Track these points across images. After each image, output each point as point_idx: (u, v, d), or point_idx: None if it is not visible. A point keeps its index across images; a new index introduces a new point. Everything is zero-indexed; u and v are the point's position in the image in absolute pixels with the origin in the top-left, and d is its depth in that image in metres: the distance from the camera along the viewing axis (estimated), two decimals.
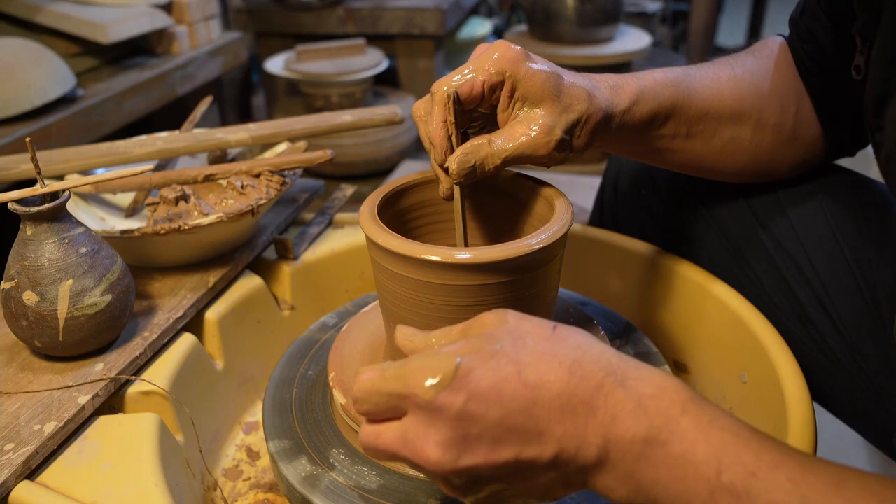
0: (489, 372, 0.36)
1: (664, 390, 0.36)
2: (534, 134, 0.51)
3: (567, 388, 0.36)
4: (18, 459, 0.51)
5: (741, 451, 0.34)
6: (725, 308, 0.69)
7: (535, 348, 0.37)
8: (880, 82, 0.51)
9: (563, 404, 0.36)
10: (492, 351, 0.37)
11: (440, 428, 0.36)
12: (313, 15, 1.82)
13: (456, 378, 0.36)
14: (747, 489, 0.33)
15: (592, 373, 0.36)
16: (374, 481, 0.52)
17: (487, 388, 0.36)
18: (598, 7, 1.88)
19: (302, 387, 0.62)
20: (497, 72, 0.51)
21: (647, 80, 0.59)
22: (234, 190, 0.73)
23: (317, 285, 0.82)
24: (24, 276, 0.57)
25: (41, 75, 1.05)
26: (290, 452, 0.56)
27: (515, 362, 0.36)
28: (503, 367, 0.36)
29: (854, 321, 0.62)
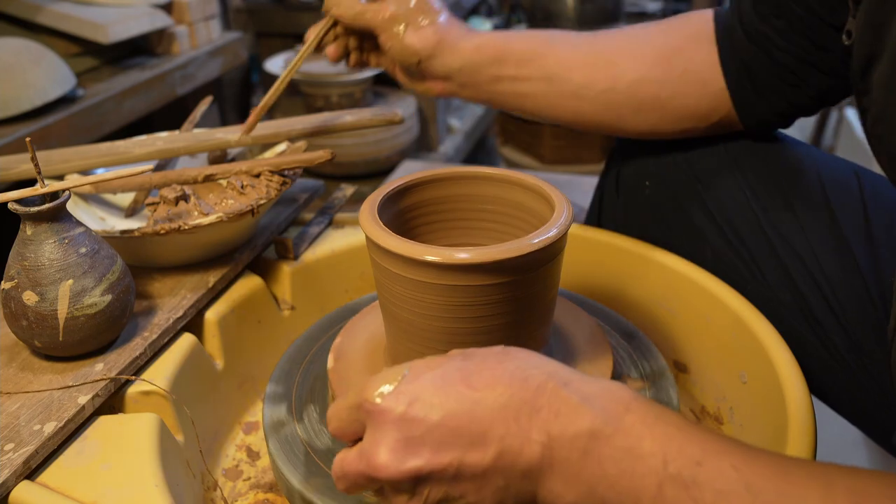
0: (436, 377, 0.38)
1: (608, 391, 0.37)
2: None
3: (509, 389, 0.37)
4: (18, 459, 0.51)
5: (686, 443, 0.34)
6: (725, 308, 0.69)
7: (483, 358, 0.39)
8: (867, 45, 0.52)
9: (505, 404, 0.36)
10: (440, 361, 0.39)
11: (386, 432, 0.37)
12: (313, 15, 1.82)
13: (401, 383, 0.37)
14: (694, 478, 0.33)
15: (535, 376, 0.37)
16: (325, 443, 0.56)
17: (431, 392, 0.37)
18: (598, 7, 1.88)
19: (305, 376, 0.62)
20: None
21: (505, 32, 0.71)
22: (234, 190, 0.73)
23: (317, 285, 0.82)
24: (24, 276, 0.57)
25: (41, 75, 1.05)
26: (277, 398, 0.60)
27: (462, 370, 0.38)
28: (449, 373, 0.38)
29: (859, 318, 0.62)
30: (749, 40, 0.65)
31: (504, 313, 0.50)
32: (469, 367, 0.38)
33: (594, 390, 0.37)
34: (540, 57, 0.69)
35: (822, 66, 0.63)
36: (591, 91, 0.68)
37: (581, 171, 1.79)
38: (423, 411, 0.37)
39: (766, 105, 0.67)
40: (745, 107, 0.67)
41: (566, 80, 0.69)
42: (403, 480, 0.37)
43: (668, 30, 0.70)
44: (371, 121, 0.86)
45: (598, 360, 0.58)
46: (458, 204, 0.61)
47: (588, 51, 0.69)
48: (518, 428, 0.36)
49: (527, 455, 0.36)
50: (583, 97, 0.69)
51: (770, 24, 0.63)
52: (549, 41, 0.70)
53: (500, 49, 0.69)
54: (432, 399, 0.37)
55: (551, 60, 0.69)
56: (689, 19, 0.70)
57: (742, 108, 0.67)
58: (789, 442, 0.53)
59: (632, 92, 0.68)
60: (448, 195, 0.60)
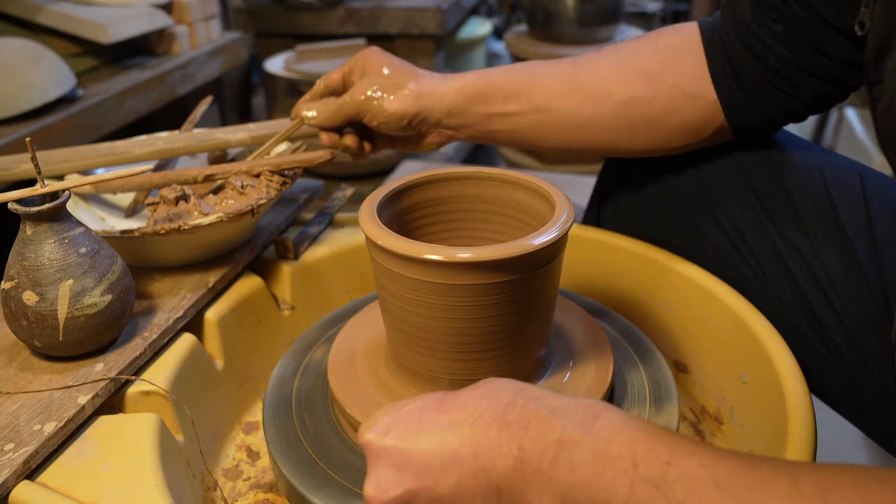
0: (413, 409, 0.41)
1: (577, 402, 0.38)
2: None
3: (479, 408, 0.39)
4: (18, 459, 0.51)
5: (654, 445, 0.35)
6: (725, 308, 0.69)
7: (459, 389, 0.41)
8: (882, 34, 0.51)
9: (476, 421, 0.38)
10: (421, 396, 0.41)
11: (372, 466, 0.41)
12: (313, 15, 1.82)
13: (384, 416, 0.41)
14: (664, 477, 0.34)
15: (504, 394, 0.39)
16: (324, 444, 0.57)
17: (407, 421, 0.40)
18: (598, 7, 1.88)
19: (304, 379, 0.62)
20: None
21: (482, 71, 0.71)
22: (234, 190, 0.73)
23: (317, 285, 0.82)
24: (24, 276, 0.57)
25: (41, 75, 1.05)
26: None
27: (436, 398, 0.41)
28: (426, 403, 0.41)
29: (860, 318, 0.62)
30: (743, 46, 0.64)
31: (504, 313, 0.50)
32: (444, 396, 0.41)
33: (563, 404, 0.38)
34: (524, 91, 0.69)
35: (818, 71, 0.62)
36: (580, 117, 0.68)
37: (581, 171, 1.79)
38: (400, 440, 0.40)
39: (757, 113, 0.66)
40: (736, 116, 0.67)
41: (554, 111, 0.69)
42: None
43: (653, 46, 0.69)
44: None
45: (598, 360, 0.58)
46: (458, 204, 0.61)
47: (571, 78, 0.69)
48: (489, 443, 0.37)
49: (500, 468, 0.37)
50: (573, 125, 0.69)
51: (767, 29, 0.63)
52: (531, 74, 0.70)
53: (483, 88, 0.69)
54: (408, 427, 0.40)
55: (536, 92, 0.69)
56: (675, 32, 0.69)
57: (733, 117, 0.67)
58: (789, 442, 0.53)
59: (620, 114, 0.68)
60: (448, 195, 0.60)
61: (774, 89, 0.64)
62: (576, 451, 0.36)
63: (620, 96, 0.67)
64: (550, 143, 0.72)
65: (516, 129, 0.70)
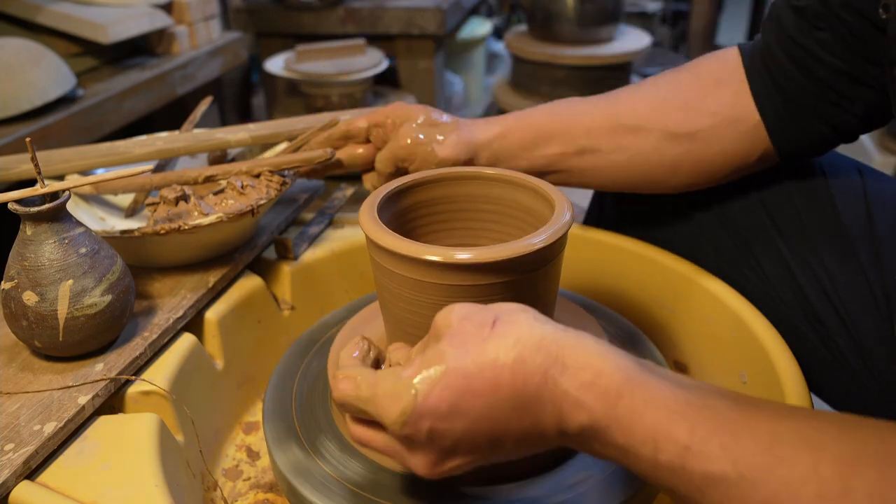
0: (444, 392, 0.39)
1: (600, 376, 0.38)
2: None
3: (514, 390, 0.38)
4: (18, 459, 0.51)
5: (674, 428, 0.35)
6: (725, 308, 0.69)
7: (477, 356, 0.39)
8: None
9: (516, 405, 0.39)
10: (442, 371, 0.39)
11: (418, 450, 0.41)
12: (313, 15, 1.82)
13: (416, 407, 0.39)
14: (682, 465, 0.35)
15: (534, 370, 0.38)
16: (326, 444, 0.56)
17: (447, 409, 0.39)
18: (598, 7, 1.88)
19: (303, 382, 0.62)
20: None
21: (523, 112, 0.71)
22: (234, 190, 0.73)
23: (317, 285, 0.82)
24: (24, 277, 0.57)
25: (41, 75, 1.05)
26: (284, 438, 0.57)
27: (464, 376, 0.39)
28: (454, 383, 0.39)
29: (862, 318, 0.62)
30: (788, 59, 0.62)
31: None
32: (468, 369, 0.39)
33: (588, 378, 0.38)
34: (566, 132, 0.68)
35: (866, 78, 0.60)
36: (623, 156, 0.67)
37: None
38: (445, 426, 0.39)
39: (804, 132, 0.64)
40: (782, 137, 0.64)
41: (597, 151, 0.68)
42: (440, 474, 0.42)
43: (693, 77, 0.67)
44: None
45: None
46: (458, 204, 0.61)
47: (613, 116, 0.68)
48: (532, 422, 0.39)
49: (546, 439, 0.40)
50: (617, 164, 0.68)
51: (812, 38, 0.60)
52: (572, 114, 0.69)
53: (525, 131, 0.69)
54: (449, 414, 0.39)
55: (579, 133, 0.68)
56: (716, 59, 0.68)
57: (779, 139, 0.64)
58: None
59: (663, 151, 0.66)
60: (448, 195, 0.60)
61: (823, 102, 0.62)
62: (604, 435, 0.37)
63: (662, 132, 0.66)
64: (597, 183, 0.71)
65: (562, 170, 0.69)
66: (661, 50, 2.48)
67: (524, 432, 0.39)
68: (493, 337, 0.40)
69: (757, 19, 2.93)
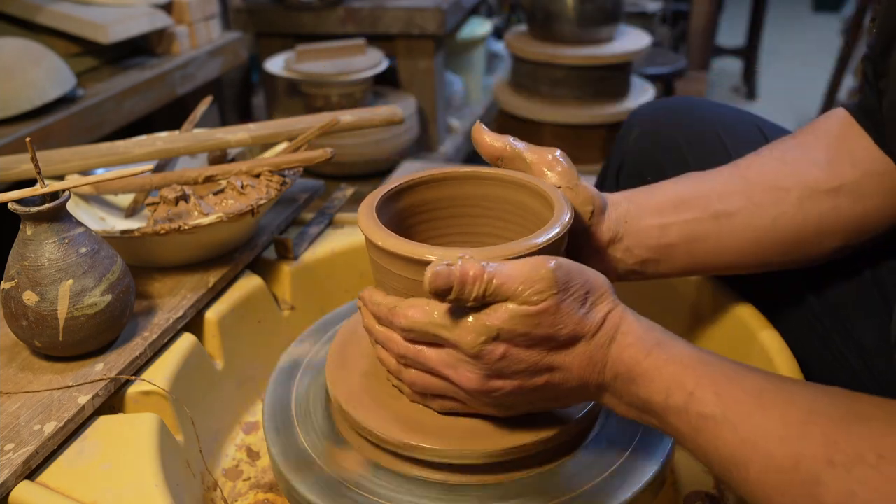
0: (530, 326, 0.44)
1: (639, 340, 0.46)
2: None
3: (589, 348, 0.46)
4: (18, 459, 0.51)
5: (684, 379, 0.44)
6: (726, 309, 0.69)
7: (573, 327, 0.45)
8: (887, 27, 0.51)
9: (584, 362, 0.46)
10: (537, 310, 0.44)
11: (481, 366, 0.45)
12: (313, 15, 1.82)
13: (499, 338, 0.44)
14: (686, 407, 0.43)
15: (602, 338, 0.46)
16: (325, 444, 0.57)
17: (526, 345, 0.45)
18: (598, 7, 1.87)
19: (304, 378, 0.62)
20: None
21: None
22: (234, 190, 0.73)
23: (317, 285, 0.82)
24: (24, 276, 0.57)
25: (41, 75, 1.05)
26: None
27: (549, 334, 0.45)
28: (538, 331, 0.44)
29: (862, 317, 0.62)
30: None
31: None
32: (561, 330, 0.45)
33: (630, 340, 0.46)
34: (695, 196, 0.60)
35: None
36: (765, 220, 0.59)
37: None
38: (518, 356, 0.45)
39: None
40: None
41: (734, 214, 0.60)
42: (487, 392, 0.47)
43: (812, 137, 0.62)
44: (371, 120, 0.86)
45: None
46: (457, 204, 0.61)
47: (741, 178, 0.61)
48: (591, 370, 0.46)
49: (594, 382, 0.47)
50: (758, 227, 0.60)
51: None
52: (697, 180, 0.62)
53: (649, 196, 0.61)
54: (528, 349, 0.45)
55: (710, 197, 0.60)
56: (826, 119, 0.63)
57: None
58: None
59: (808, 209, 0.59)
60: (448, 195, 0.60)
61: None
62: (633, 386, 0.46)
63: (803, 190, 0.59)
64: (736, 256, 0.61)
65: (695, 238, 0.60)
66: (661, 50, 2.48)
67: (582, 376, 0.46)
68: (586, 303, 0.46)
69: (757, 19, 2.93)
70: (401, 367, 0.51)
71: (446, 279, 0.43)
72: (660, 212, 0.60)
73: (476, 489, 0.51)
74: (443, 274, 0.43)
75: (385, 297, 0.50)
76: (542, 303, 0.43)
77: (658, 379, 0.44)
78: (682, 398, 0.43)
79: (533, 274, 0.44)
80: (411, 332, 0.48)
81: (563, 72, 1.87)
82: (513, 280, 0.43)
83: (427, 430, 0.52)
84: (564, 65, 1.86)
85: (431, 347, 0.48)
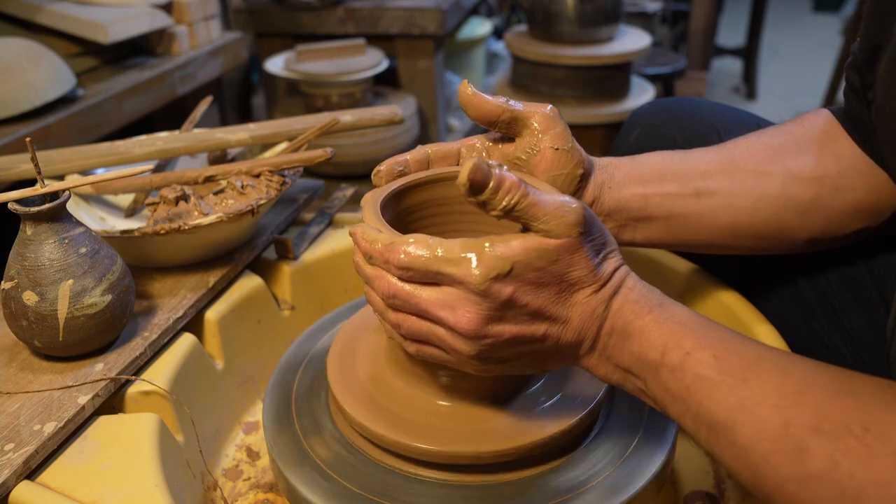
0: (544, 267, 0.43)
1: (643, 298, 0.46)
2: None
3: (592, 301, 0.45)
4: (18, 459, 0.51)
5: (683, 339, 0.44)
6: (724, 306, 0.69)
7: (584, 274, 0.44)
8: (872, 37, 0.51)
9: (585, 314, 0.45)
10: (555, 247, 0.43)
11: (484, 307, 0.43)
12: (313, 15, 1.82)
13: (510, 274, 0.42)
14: (681, 365, 0.43)
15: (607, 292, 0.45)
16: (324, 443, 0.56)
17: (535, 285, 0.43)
18: (598, 7, 1.87)
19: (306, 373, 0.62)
20: None
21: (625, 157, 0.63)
22: (234, 190, 0.73)
23: (317, 285, 0.82)
24: (24, 276, 0.57)
25: (41, 75, 1.05)
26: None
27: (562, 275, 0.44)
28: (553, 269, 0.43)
29: (857, 313, 0.62)
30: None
31: None
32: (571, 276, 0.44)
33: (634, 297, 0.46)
34: (679, 171, 0.61)
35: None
36: (746, 201, 0.60)
37: None
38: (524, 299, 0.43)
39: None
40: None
41: (716, 193, 0.60)
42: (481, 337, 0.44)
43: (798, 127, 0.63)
44: (371, 120, 0.86)
45: None
46: (459, 204, 0.61)
47: (727, 158, 0.61)
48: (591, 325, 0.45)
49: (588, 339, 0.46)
50: (738, 209, 0.60)
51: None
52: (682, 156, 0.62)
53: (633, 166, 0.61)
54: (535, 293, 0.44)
55: (693, 173, 0.61)
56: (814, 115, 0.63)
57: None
58: None
59: (790, 195, 0.60)
60: (449, 196, 0.60)
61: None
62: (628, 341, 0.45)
63: (787, 176, 0.60)
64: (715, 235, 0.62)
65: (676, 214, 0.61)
66: (661, 50, 2.48)
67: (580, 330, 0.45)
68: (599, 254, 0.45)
69: (757, 19, 2.93)
70: (387, 308, 0.47)
71: (486, 174, 0.41)
72: (643, 181, 0.61)
73: (476, 489, 0.51)
74: (483, 168, 0.41)
75: (381, 234, 0.47)
76: (565, 237, 0.43)
77: (656, 335, 0.44)
78: (679, 356, 0.43)
79: (564, 206, 0.42)
80: (409, 271, 0.44)
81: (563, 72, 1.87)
82: (545, 204, 0.42)
83: (427, 430, 0.52)
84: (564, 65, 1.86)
85: (428, 287, 0.45)
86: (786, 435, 0.39)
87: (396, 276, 0.45)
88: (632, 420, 0.56)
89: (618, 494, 0.50)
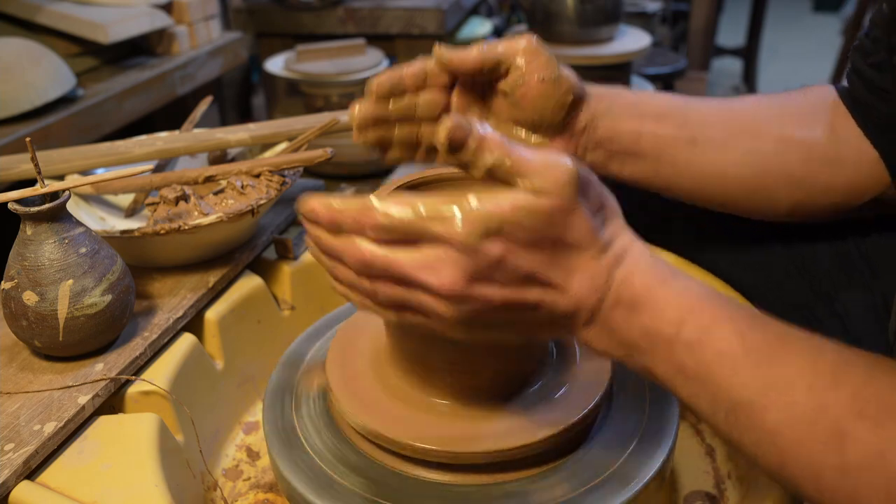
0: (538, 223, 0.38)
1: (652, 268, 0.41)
2: None
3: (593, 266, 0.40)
4: (18, 459, 0.51)
5: (702, 313, 0.40)
6: None
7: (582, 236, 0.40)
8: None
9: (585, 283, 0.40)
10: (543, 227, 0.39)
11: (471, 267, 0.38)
12: (313, 15, 1.82)
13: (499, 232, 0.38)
14: (699, 340, 0.39)
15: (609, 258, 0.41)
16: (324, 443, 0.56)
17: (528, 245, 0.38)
18: (598, 7, 1.87)
19: None
20: None
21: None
22: (234, 190, 0.73)
23: (317, 285, 0.82)
24: (24, 276, 0.57)
25: (41, 75, 1.05)
26: None
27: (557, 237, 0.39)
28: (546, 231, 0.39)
29: (858, 314, 0.62)
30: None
31: None
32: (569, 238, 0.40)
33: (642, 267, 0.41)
34: (679, 113, 0.61)
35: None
36: (736, 154, 0.61)
37: None
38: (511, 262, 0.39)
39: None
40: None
41: (709, 141, 0.61)
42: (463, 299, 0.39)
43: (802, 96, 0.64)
44: None
45: (597, 359, 0.58)
46: None
47: (727, 109, 0.62)
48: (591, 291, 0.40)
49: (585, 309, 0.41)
50: (728, 162, 0.61)
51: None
52: (685, 101, 0.63)
53: (636, 101, 0.62)
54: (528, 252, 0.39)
55: (692, 117, 0.61)
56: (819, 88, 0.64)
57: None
58: None
59: (779, 152, 0.60)
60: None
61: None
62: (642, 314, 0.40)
63: (779, 136, 0.61)
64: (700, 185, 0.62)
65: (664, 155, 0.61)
66: (661, 50, 2.48)
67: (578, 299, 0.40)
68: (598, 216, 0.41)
69: (757, 19, 2.93)
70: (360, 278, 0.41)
71: (465, 131, 0.38)
72: (642, 116, 0.60)
73: (476, 489, 0.51)
74: (463, 125, 0.38)
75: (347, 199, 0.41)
76: (557, 197, 0.38)
77: (671, 309, 0.40)
78: (697, 331, 0.39)
79: (552, 162, 0.38)
80: (389, 232, 0.39)
81: None
82: (533, 161, 0.38)
83: (427, 430, 0.52)
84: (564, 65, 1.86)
85: (405, 248, 0.39)
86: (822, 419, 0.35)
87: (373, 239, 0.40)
88: (632, 419, 0.56)
89: (618, 494, 0.50)
